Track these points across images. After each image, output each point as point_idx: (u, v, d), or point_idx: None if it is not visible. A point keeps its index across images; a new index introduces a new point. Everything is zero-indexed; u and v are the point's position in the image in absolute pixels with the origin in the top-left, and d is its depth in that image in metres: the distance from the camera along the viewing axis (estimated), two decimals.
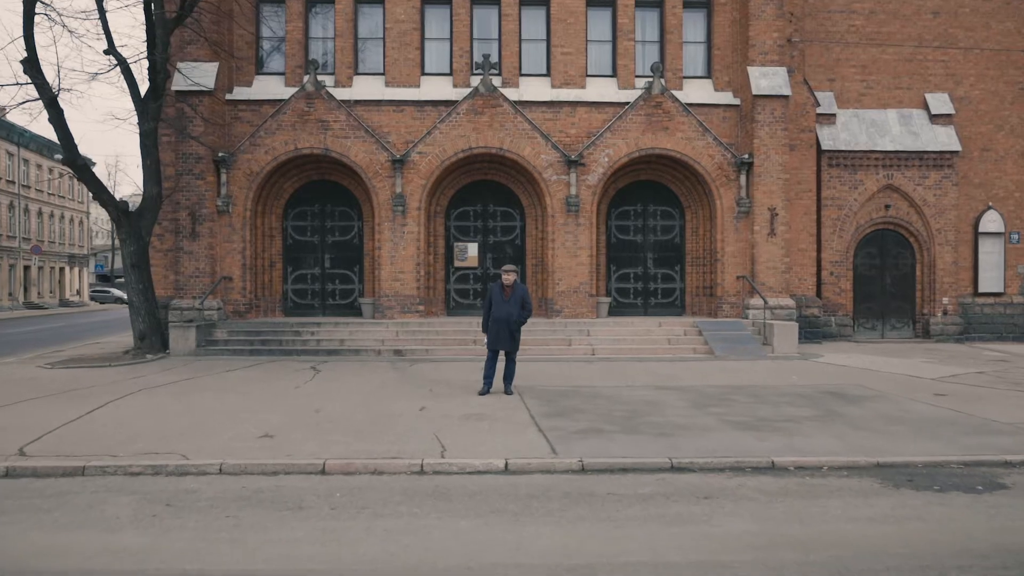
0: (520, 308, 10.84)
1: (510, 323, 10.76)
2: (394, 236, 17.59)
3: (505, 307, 10.77)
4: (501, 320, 10.77)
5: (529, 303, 10.96)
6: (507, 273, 10.87)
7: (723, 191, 17.94)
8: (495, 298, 10.90)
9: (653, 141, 17.83)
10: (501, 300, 10.83)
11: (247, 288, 17.60)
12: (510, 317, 10.75)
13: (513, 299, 10.82)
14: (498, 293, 10.89)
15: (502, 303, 10.81)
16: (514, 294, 10.83)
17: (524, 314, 10.89)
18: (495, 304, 10.87)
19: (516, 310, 10.80)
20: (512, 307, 10.79)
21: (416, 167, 17.59)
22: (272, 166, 17.54)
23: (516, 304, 10.81)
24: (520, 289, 10.91)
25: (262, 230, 18.40)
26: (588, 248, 17.80)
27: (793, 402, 10.36)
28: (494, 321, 10.83)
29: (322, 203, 18.87)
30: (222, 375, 12.83)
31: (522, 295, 10.88)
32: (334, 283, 18.88)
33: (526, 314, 10.92)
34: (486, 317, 11.02)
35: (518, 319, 10.81)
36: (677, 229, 19.22)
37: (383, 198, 17.59)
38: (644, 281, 19.18)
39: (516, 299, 10.83)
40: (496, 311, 10.81)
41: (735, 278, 17.97)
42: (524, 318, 10.91)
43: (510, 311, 10.76)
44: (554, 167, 17.72)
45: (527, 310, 10.91)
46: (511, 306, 10.79)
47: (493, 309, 10.87)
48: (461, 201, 18.94)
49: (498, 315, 10.79)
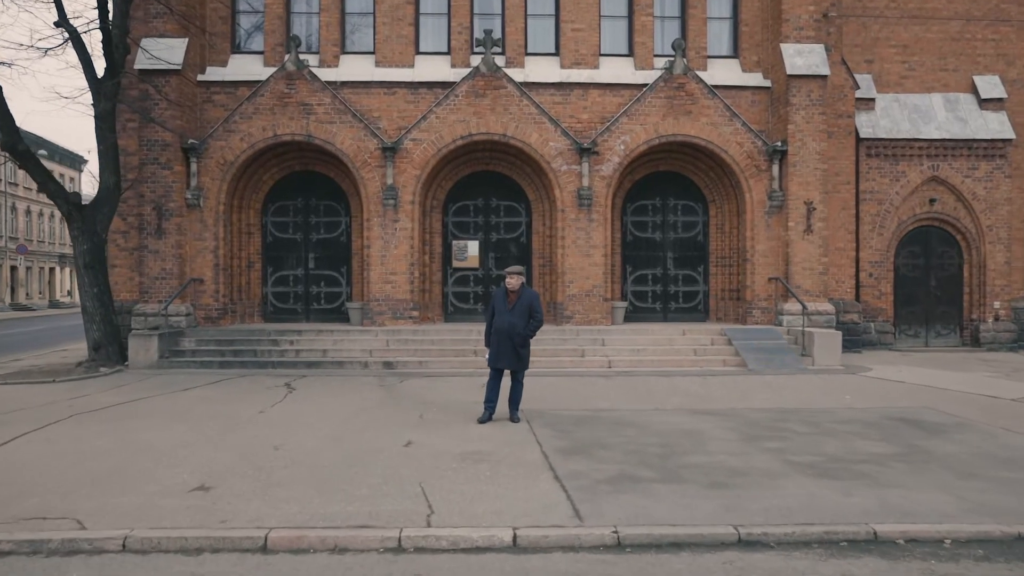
0: (527, 318, 8.97)
1: (514, 336, 8.88)
2: (385, 233, 15.71)
3: (508, 317, 8.89)
4: (503, 333, 8.89)
5: (539, 312, 9.08)
6: (511, 276, 8.99)
7: (753, 183, 16.04)
8: (497, 306, 9.03)
9: (675, 127, 15.94)
10: (504, 308, 8.96)
11: (220, 291, 15.73)
12: (514, 329, 8.87)
13: (519, 307, 8.95)
14: (501, 300, 9.02)
15: (505, 312, 8.94)
16: (520, 301, 8.96)
17: (532, 325, 9.02)
18: (497, 313, 9.00)
19: (522, 321, 8.92)
20: (517, 317, 8.91)
21: (409, 156, 15.72)
22: (248, 155, 15.68)
23: (522, 313, 8.94)
24: (527, 295, 9.04)
25: (238, 227, 16.53)
26: (602, 246, 15.91)
27: (862, 433, 8.46)
28: (496, 333, 8.96)
29: (305, 197, 17.01)
30: (177, 395, 10.96)
31: (530, 302, 9.01)
32: (319, 285, 17.01)
33: (535, 325, 9.04)
34: (488, 328, 9.15)
35: (524, 332, 8.94)
36: (700, 226, 17.33)
37: (372, 190, 15.72)
38: (664, 283, 17.29)
39: (522, 307, 8.95)
40: (498, 322, 8.94)
41: (766, 280, 16.07)
42: (532, 331, 9.03)
43: (514, 322, 8.88)
44: (564, 156, 15.84)
45: (536, 320, 9.03)
46: (516, 316, 8.91)
47: (495, 319, 9.00)
48: (460, 194, 17.06)
49: (500, 326, 8.91)
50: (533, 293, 9.14)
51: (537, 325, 9.06)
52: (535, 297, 9.10)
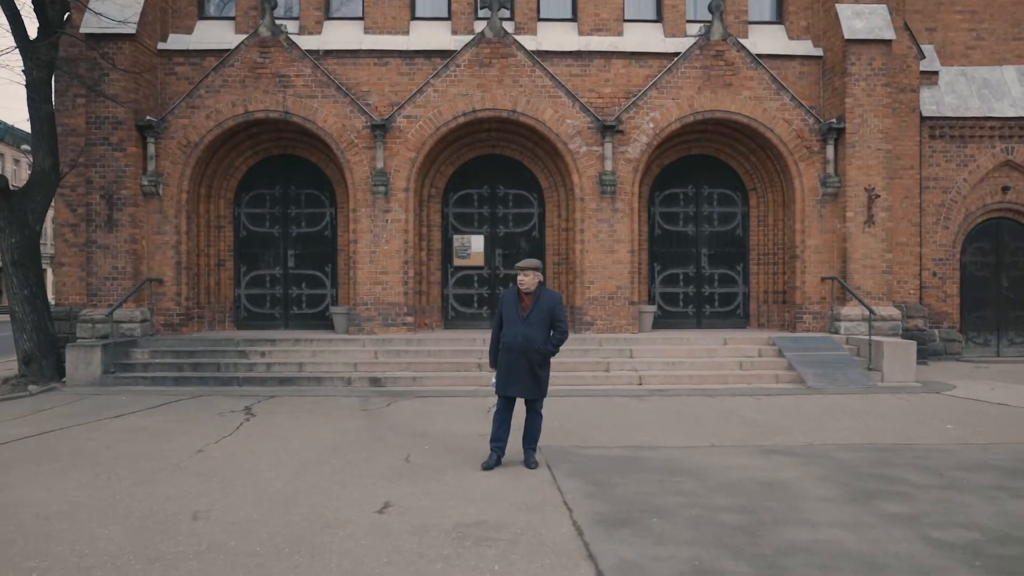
0: (547, 328, 6.73)
1: (531, 354, 6.63)
2: (374, 226, 13.47)
3: (522, 328, 6.64)
4: (516, 349, 6.63)
5: (563, 320, 6.82)
6: (525, 273, 6.74)
7: (803, 167, 13.75)
8: (507, 313, 6.77)
9: (712, 101, 13.66)
10: (516, 316, 6.71)
11: (183, 293, 13.50)
12: (531, 344, 6.62)
13: (536, 314, 6.69)
14: (512, 305, 6.77)
15: (518, 321, 6.68)
16: (537, 306, 6.71)
17: (555, 338, 6.77)
18: (507, 323, 6.74)
19: (541, 332, 6.68)
20: (534, 327, 6.66)
21: (403, 135, 13.47)
22: (216, 135, 13.45)
23: (540, 322, 6.69)
24: (547, 298, 6.79)
25: (206, 219, 14.31)
26: (628, 241, 13.64)
27: (1009, 487, 6.17)
28: (506, 350, 6.70)
29: (284, 185, 14.78)
30: (104, 424, 8.72)
31: (551, 308, 6.75)
32: (300, 287, 14.78)
33: (558, 338, 6.79)
34: (495, 343, 6.90)
35: (545, 347, 6.68)
36: (739, 217, 15.04)
37: (360, 176, 13.48)
38: (697, 284, 15.00)
39: (541, 314, 6.70)
40: (509, 333, 6.69)
41: (819, 280, 13.77)
42: (555, 345, 6.77)
43: (531, 334, 6.63)
44: (583, 135, 13.57)
45: (560, 331, 6.78)
46: (533, 326, 6.66)
47: (505, 330, 6.75)
48: (462, 182, 14.82)
49: (512, 340, 6.65)
50: (554, 295, 6.89)
51: (561, 338, 6.81)
52: (557, 301, 6.84)
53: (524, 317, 6.67)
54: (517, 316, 6.69)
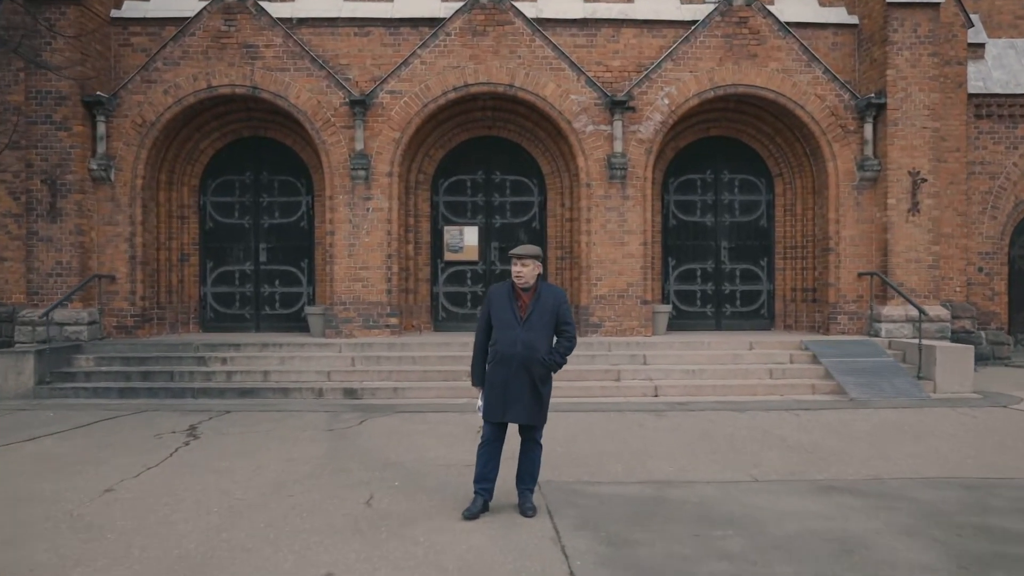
0: (550, 333, 5.19)
1: (532, 366, 5.09)
2: (353, 215, 11.93)
3: (520, 332, 5.10)
4: (513, 360, 5.08)
5: (570, 323, 5.28)
6: (522, 263, 5.18)
7: (838, 148, 12.19)
8: (498, 314, 5.21)
9: (735, 75, 12.10)
10: (511, 318, 5.15)
11: (139, 292, 11.97)
12: (532, 354, 5.08)
13: (537, 316, 5.15)
14: (504, 304, 5.20)
15: (513, 324, 5.13)
16: (538, 306, 5.16)
17: (563, 346, 5.23)
18: (499, 326, 5.18)
19: (544, 338, 5.14)
20: (536, 331, 5.12)
21: (386, 113, 11.94)
22: (175, 112, 11.92)
23: (542, 326, 5.15)
24: (550, 296, 5.23)
25: (167, 208, 12.79)
26: (640, 232, 12.09)
27: None
28: (499, 363, 5.14)
29: (255, 170, 13.25)
30: (7, 450, 7.18)
31: (555, 307, 5.20)
32: (273, 284, 13.24)
33: (566, 345, 5.24)
34: (479, 353, 5.34)
35: (549, 358, 5.14)
36: (763, 206, 13.48)
37: (337, 159, 11.94)
38: (716, 281, 13.44)
39: (544, 315, 5.16)
40: (503, 341, 5.13)
41: (855, 276, 12.21)
42: (562, 355, 5.22)
43: (532, 341, 5.09)
44: (589, 113, 12.03)
45: (568, 337, 5.24)
46: (533, 329, 5.12)
47: (496, 335, 5.19)
48: (454, 166, 13.28)
49: (508, 349, 5.10)
50: (558, 292, 5.33)
51: (570, 345, 5.26)
52: (562, 298, 5.30)
53: (522, 319, 5.12)
54: (513, 318, 5.14)
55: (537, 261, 5.22)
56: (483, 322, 5.31)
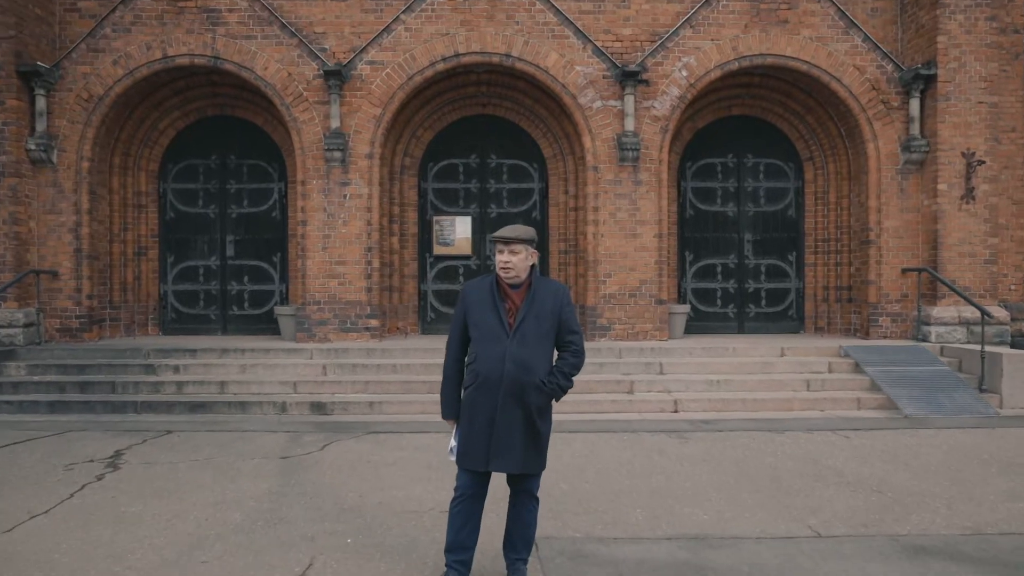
0: (550, 345, 3.76)
1: (527, 394, 3.65)
2: (328, 203, 10.50)
3: (511, 347, 3.66)
4: (501, 386, 3.64)
5: (577, 330, 3.84)
6: (511, 248, 3.74)
7: (879, 127, 10.73)
8: (478, 320, 3.75)
9: (762, 43, 10.64)
10: (495, 326, 3.70)
11: (85, 290, 10.55)
12: (527, 376, 3.65)
13: (532, 321, 3.71)
14: (484, 306, 3.75)
15: (498, 335, 3.68)
16: (532, 307, 3.73)
17: (570, 364, 3.79)
18: (480, 338, 3.73)
19: (541, 353, 3.72)
20: (530, 346, 3.68)
21: (366, 87, 10.50)
22: (127, 86, 10.50)
23: (539, 335, 3.72)
24: (548, 294, 3.79)
25: (122, 196, 11.37)
26: (654, 223, 10.65)
27: None
28: (481, 388, 3.69)
29: (222, 153, 11.81)
30: None
31: (555, 309, 3.77)
32: (241, 281, 11.81)
33: (574, 363, 3.80)
34: (452, 373, 3.88)
35: (551, 382, 3.71)
36: (791, 194, 12.02)
37: (310, 139, 10.51)
38: (739, 278, 11.98)
39: (541, 321, 3.73)
40: (486, 358, 3.69)
41: (899, 272, 10.75)
42: (565, 378, 3.77)
43: (525, 359, 3.65)
44: (596, 87, 10.58)
45: (574, 351, 3.81)
46: (527, 343, 3.68)
47: (475, 350, 3.75)
48: (445, 149, 11.83)
49: (491, 370, 3.65)
50: (559, 287, 3.87)
51: (576, 361, 3.82)
52: (564, 296, 3.84)
53: (512, 328, 3.67)
54: (498, 326, 3.69)
55: (530, 247, 3.78)
56: (457, 331, 3.87)
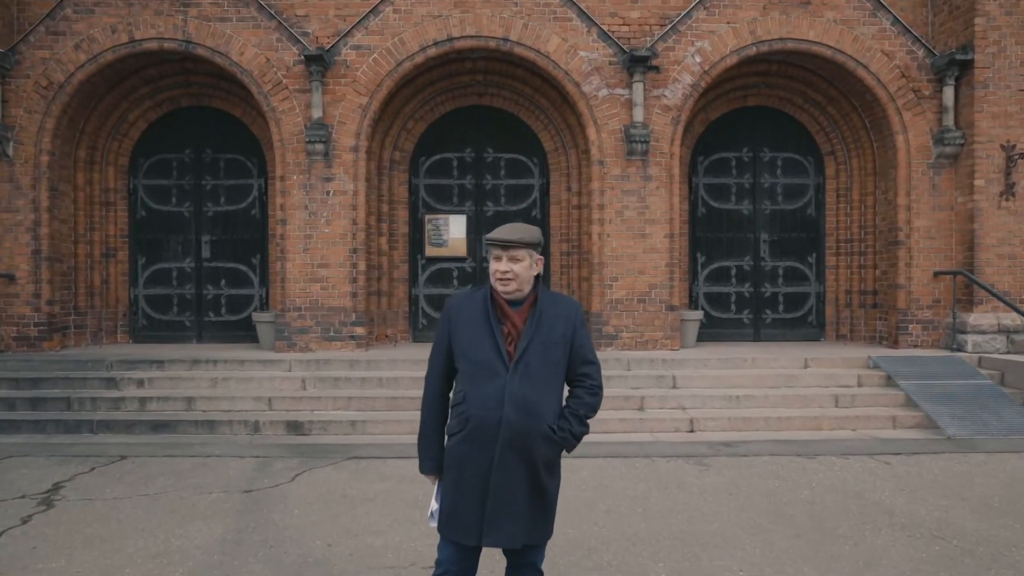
0: (559, 380, 2.88)
1: (531, 445, 2.77)
2: (310, 200, 9.64)
3: (506, 385, 2.77)
4: (492, 435, 2.76)
5: (593, 361, 2.96)
6: (510, 254, 2.83)
7: (909, 118, 9.88)
8: (467, 347, 2.87)
9: (783, 27, 9.80)
10: (490, 355, 2.81)
11: (45, 294, 9.69)
12: (531, 424, 2.77)
13: (538, 350, 2.82)
14: (476, 327, 2.87)
15: (494, 367, 2.80)
16: (539, 332, 2.83)
17: (586, 404, 2.91)
18: (470, 370, 2.84)
19: (549, 390, 2.83)
20: (535, 381, 2.79)
21: (351, 73, 9.64)
22: (91, 72, 9.64)
23: (547, 367, 2.83)
24: (557, 312, 2.90)
25: (88, 193, 10.51)
26: (665, 222, 9.80)
27: None
28: (469, 437, 2.81)
29: (197, 147, 10.95)
30: None
31: (566, 334, 2.88)
32: (218, 285, 10.95)
33: (588, 404, 2.91)
34: (432, 411, 3.01)
35: (559, 431, 2.83)
36: (811, 191, 11.17)
37: (290, 130, 9.66)
38: (755, 281, 11.13)
39: (549, 350, 2.84)
40: (475, 397, 2.80)
41: (931, 276, 9.91)
42: (580, 423, 2.89)
43: (529, 398, 2.77)
44: (603, 73, 9.73)
45: (589, 388, 2.93)
46: (530, 378, 2.79)
47: (464, 387, 2.87)
48: (438, 143, 10.97)
49: (483, 413, 2.77)
50: (570, 305, 2.97)
51: (593, 401, 2.93)
52: (578, 316, 2.95)
53: (512, 358, 2.80)
54: (494, 356, 2.81)
55: (535, 252, 2.91)
56: (440, 360, 3.00)
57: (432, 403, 3.00)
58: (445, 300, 3.02)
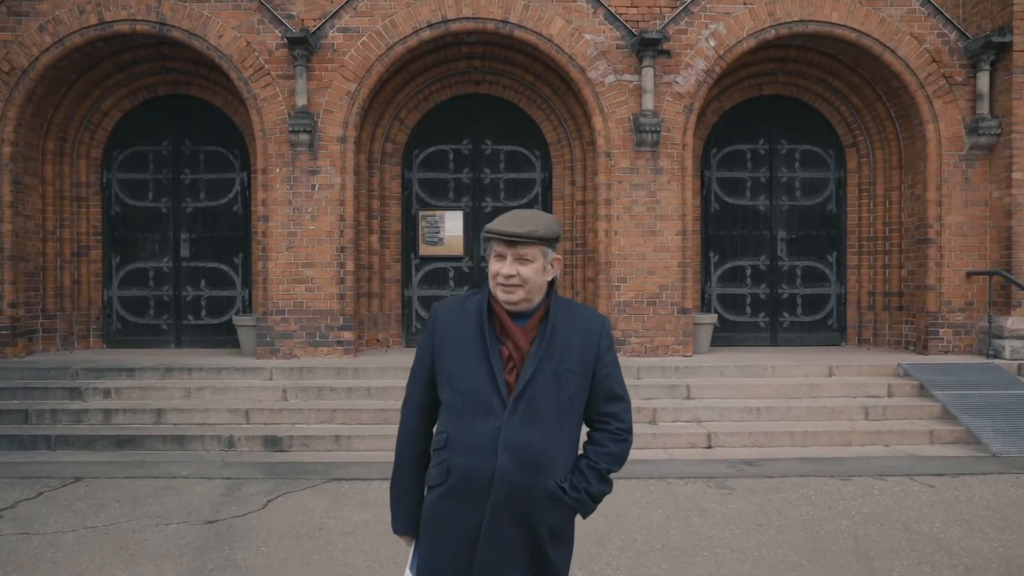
0: (573, 422, 2.16)
1: (534, 507, 2.07)
2: (294, 195, 8.94)
3: (501, 426, 2.06)
4: (481, 491, 2.06)
5: (623, 396, 2.24)
6: (515, 252, 2.10)
7: (939, 106, 9.17)
8: (454, 373, 2.16)
9: (803, 8, 9.08)
10: (483, 385, 2.11)
11: (8, 296, 8.97)
12: (534, 480, 2.07)
13: (544, 380, 2.09)
14: (464, 345, 2.16)
15: (489, 401, 2.09)
16: (550, 354, 2.11)
17: (605, 456, 2.19)
18: (457, 404, 2.14)
19: (560, 435, 2.11)
20: (537, 424, 2.08)
21: (338, 58, 8.94)
22: (57, 56, 8.93)
23: (560, 404, 2.11)
24: (579, 327, 2.18)
25: (57, 187, 9.82)
26: (677, 218, 9.09)
27: None
28: (451, 492, 2.11)
29: (175, 138, 10.24)
30: None
31: (589, 358, 2.17)
32: (198, 286, 10.24)
33: (612, 454, 2.20)
34: (407, 455, 2.29)
35: (572, 490, 2.13)
36: (831, 185, 10.47)
37: (272, 119, 8.95)
38: (771, 282, 10.42)
39: (564, 381, 2.11)
40: (461, 439, 2.11)
41: (964, 276, 9.20)
42: (599, 480, 2.18)
43: (530, 445, 2.06)
44: (610, 58, 9.02)
45: (614, 435, 2.21)
46: (536, 418, 2.08)
47: (447, 425, 2.17)
48: (433, 133, 10.26)
49: (472, 463, 2.07)
50: (592, 318, 2.24)
51: (620, 450, 2.20)
52: (604, 335, 2.21)
53: (512, 390, 2.10)
54: (488, 387, 2.11)
55: (551, 250, 2.18)
56: (420, 385, 2.31)
57: (409, 444, 2.30)
58: (431, 307, 2.26)
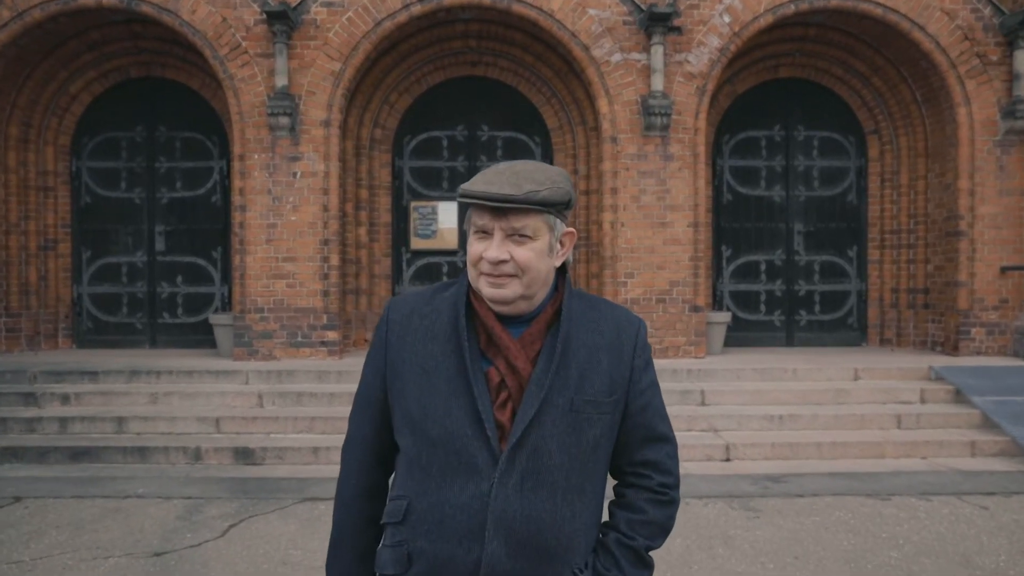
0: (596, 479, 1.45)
1: None
2: (274, 183, 8.26)
3: (490, 493, 1.36)
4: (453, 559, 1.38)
5: (664, 434, 1.53)
6: (504, 226, 1.39)
7: (972, 87, 8.49)
8: (414, 404, 1.44)
9: None
10: (460, 428, 1.39)
11: None
12: (539, 568, 1.36)
13: (553, 418, 1.38)
14: (434, 363, 1.43)
15: (471, 453, 1.38)
16: (563, 373, 1.41)
17: (641, 527, 1.46)
18: (424, 457, 1.42)
19: (577, 504, 1.41)
20: (544, 487, 1.37)
21: (321, 35, 8.25)
22: (15, 33, 8.23)
23: (573, 454, 1.39)
24: (605, 334, 1.46)
25: (21, 176, 9.14)
26: (688, 208, 8.42)
27: None
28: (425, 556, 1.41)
29: (149, 124, 9.56)
30: None
31: (621, 379, 1.45)
32: (174, 282, 9.56)
33: (652, 520, 1.46)
34: (347, 531, 1.56)
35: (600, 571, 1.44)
36: (852, 175, 9.79)
37: (250, 101, 8.26)
38: (787, 278, 9.74)
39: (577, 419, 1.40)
40: (425, 513, 1.40)
41: (998, 271, 8.52)
42: (637, 561, 1.46)
43: (532, 519, 1.36)
44: (616, 35, 8.33)
45: (656, 492, 1.47)
46: (534, 483, 1.37)
47: (407, 487, 1.45)
48: (425, 119, 9.57)
49: (437, 548, 1.38)
50: (622, 318, 1.51)
51: (664, 517, 1.46)
52: (637, 343, 1.49)
53: (506, 436, 1.40)
54: (469, 428, 1.40)
55: (559, 219, 1.46)
56: (367, 424, 1.58)
57: (353, 505, 1.59)
58: (385, 304, 1.60)
